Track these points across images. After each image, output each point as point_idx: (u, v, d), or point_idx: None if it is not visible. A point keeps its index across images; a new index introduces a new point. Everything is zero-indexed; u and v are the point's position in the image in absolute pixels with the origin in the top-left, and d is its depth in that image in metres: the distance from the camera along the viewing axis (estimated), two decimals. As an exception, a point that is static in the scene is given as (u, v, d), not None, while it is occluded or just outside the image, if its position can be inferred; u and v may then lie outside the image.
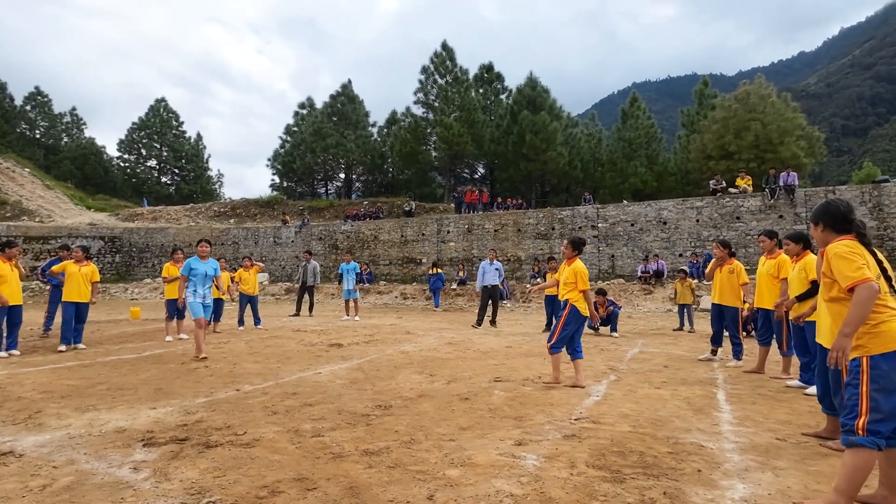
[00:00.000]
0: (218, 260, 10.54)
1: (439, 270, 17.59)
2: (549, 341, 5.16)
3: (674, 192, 25.93)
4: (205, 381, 5.32)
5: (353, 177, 38.82)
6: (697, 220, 17.05)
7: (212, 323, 9.90)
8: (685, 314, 10.17)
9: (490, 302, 10.60)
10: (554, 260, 10.57)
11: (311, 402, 4.42)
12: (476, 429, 3.69)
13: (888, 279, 2.48)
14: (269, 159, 39.27)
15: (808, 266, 4.68)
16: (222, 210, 33.08)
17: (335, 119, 36.78)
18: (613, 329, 9.20)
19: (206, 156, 47.82)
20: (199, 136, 47.88)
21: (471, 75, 33.03)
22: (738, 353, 6.26)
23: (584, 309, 5.08)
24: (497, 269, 10.58)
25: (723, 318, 6.38)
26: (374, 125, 39.52)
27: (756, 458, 3.11)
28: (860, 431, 2.27)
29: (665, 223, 17.52)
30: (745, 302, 6.74)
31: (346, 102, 37.50)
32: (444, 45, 32.53)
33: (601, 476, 2.81)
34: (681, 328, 10.12)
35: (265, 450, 3.21)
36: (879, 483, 2.49)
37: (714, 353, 6.62)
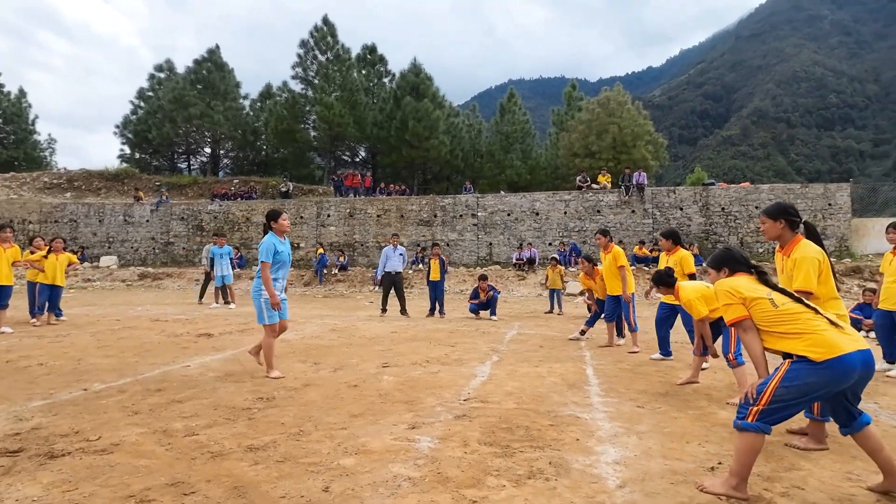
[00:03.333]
0: (55, 241, 9.00)
1: (324, 251, 18.80)
2: (726, 353, 4.20)
3: (545, 185, 27.90)
4: (40, 381, 4.52)
5: (221, 152, 35.59)
6: (565, 212, 18.57)
7: (45, 313, 8.45)
8: (555, 298, 11.05)
9: (394, 290, 10.16)
10: (438, 246, 10.74)
11: (180, 399, 3.98)
12: (368, 415, 3.62)
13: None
14: (117, 126, 34.32)
15: (683, 260, 5.45)
16: (55, 182, 28.31)
17: (200, 87, 33.25)
18: (493, 313, 9.66)
19: (30, 116, 40.29)
20: (21, 93, 40.14)
21: (353, 55, 32.07)
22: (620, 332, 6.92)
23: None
24: (401, 255, 10.18)
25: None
26: (245, 97, 36.49)
27: (622, 424, 3.48)
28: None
29: (538, 214, 18.80)
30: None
31: (213, 70, 34.06)
32: (326, 20, 31.17)
33: (493, 452, 2.93)
34: (551, 311, 10.97)
35: (127, 455, 2.82)
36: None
37: (583, 332, 7.27)
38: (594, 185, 19.43)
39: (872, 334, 6.56)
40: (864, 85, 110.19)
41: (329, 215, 20.64)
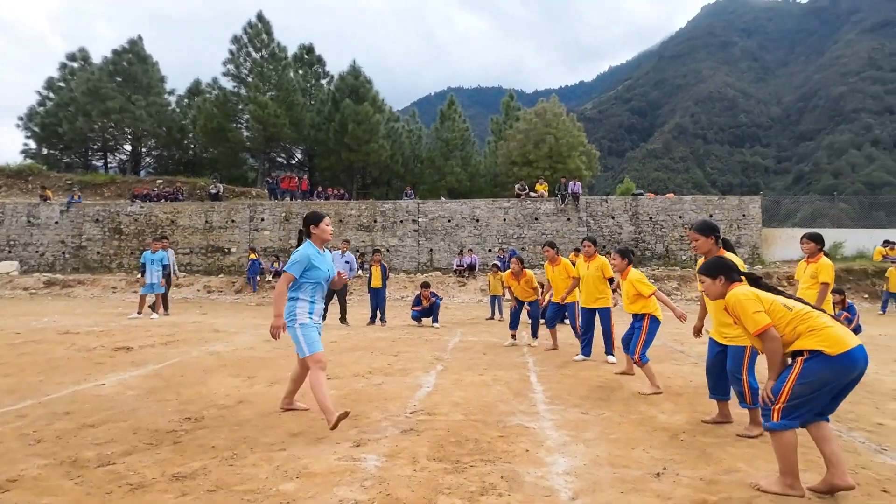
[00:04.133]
0: None
1: (257, 256, 18.07)
2: (633, 354, 4.80)
3: (484, 192, 28.27)
4: (-82, 407, 3.91)
5: (143, 150, 33.20)
6: (504, 220, 18.88)
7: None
8: (496, 304, 11.14)
9: (336, 297, 9.73)
10: (379, 252, 10.53)
11: (92, 423, 3.58)
12: (309, 434, 3.41)
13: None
14: (20, 118, 31.18)
15: (603, 266, 5.94)
16: (-55, 178, 25.23)
17: (119, 79, 30.88)
18: (435, 320, 9.58)
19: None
20: None
21: (289, 54, 31.06)
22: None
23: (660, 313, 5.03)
24: (348, 262, 9.76)
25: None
26: (171, 93, 34.26)
27: (569, 433, 3.49)
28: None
29: (478, 220, 18.99)
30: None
31: (134, 62, 31.73)
32: (261, 17, 29.95)
33: (443, 468, 2.83)
34: (492, 317, 11.05)
35: (27, 493, 2.46)
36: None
37: (514, 336, 7.43)
38: (532, 194, 19.91)
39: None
40: (769, 107, 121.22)
41: (263, 219, 19.78)
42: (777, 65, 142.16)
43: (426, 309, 9.61)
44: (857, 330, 8.02)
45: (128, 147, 32.76)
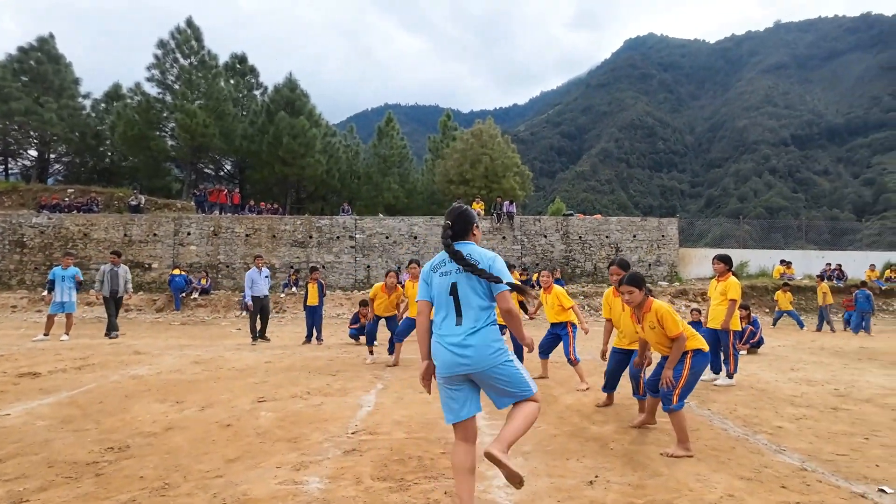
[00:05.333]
0: None
1: (182, 272, 17.24)
2: (568, 355, 5.81)
3: (421, 209, 28.46)
4: None
5: (52, 156, 30.54)
6: (441, 236, 19.12)
7: None
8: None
9: (261, 314, 9.73)
10: (317, 270, 10.33)
11: (0, 457, 3.27)
12: (246, 458, 3.31)
13: None
14: None
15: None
16: None
17: (26, 79, 28.40)
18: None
19: None
20: None
21: (220, 62, 29.97)
22: None
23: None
24: (267, 278, 9.85)
25: None
26: (86, 96, 31.90)
27: (508, 446, 3.61)
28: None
29: (416, 237, 19.10)
30: None
31: (44, 61, 29.32)
32: (190, 23, 28.74)
33: (388, 487, 2.85)
34: (429, 334, 11.12)
35: (-75, 539, 2.22)
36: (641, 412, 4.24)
37: (371, 352, 7.93)
38: (469, 212, 20.31)
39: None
40: (683, 135, 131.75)
41: (189, 233, 18.76)
42: (689, 97, 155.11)
43: (364, 327, 9.50)
44: (760, 342, 8.85)
45: (33, 152, 30.01)
